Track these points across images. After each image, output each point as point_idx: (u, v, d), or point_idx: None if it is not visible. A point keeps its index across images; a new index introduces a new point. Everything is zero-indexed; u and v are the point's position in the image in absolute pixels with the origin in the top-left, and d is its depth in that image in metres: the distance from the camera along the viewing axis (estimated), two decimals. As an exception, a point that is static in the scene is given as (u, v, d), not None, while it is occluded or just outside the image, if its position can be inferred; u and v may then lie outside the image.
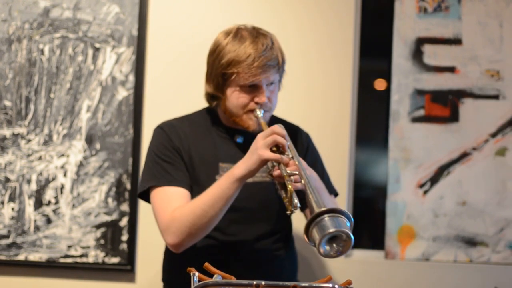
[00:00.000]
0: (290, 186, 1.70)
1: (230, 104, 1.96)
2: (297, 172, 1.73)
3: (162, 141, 2.01)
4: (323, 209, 1.46)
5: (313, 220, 1.45)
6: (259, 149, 1.78)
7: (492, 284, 2.45)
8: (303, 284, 1.12)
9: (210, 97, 2.03)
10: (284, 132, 1.81)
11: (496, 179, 2.54)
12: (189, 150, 1.99)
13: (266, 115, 1.96)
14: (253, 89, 1.92)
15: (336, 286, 1.12)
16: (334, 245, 1.46)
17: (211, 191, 1.84)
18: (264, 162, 1.78)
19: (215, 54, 1.95)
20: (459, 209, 2.54)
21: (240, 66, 1.89)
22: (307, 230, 1.46)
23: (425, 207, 2.55)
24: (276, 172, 1.78)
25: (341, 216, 1.45)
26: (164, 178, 1.95)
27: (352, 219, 1.48)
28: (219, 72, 1.94)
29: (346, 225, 1.45)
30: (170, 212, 1.88)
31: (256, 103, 1.93)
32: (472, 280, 2.51)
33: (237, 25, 1.99)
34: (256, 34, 1.94)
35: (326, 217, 1.44)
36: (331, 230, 1.42)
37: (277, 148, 1.80)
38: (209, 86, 2.00)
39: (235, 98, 1.94)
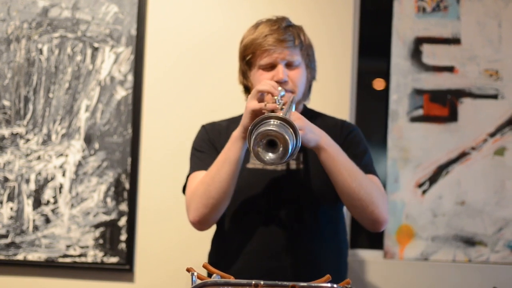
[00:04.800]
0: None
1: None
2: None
3: (200, 136, 2.08)
4: (274, 114, 1.47)
5: (261, 121, 1.48)
6: (247, 102, 1.82)
7: (491, 284, 2.45)
8: (302, 284, 1.12)
9: (244, 89, 2.07)
10: (270, 83, 1.82)
11: (494, 178, 2.54)
12: (225, 144, 2.00)
13: (288, 96, 1.93)
14: (272, 69, 1.94)
15: (335, 286, 1.12)
16: (271, 153, 1.48)
17: (217, 158, 1.88)
18: (252, 113, 1.78)
19: (240, 45, 2.02)
20: (458, 209, 2.54)
21: (254, 45, 1.93)
22: (251, 130, 1.49)
23: (424, 206, 2.55)
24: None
25: (289, 127, 1.46)
26: (196, 165, 2.00)
27: (299, 139, 1.49)
28: (241, 58, 1.99)
29: (289, 134, 1.45)
30: (190, 192, 1.93)
31: (276, 82, 1.92)
32: (471, 280, 2.51)
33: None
34: (273, 18, 2.00)
35: (272, 121, 1.47)
36: (267, 128, 1.44)
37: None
38: (240, 77, 2.05)
39: (256, 79, 1.96)
